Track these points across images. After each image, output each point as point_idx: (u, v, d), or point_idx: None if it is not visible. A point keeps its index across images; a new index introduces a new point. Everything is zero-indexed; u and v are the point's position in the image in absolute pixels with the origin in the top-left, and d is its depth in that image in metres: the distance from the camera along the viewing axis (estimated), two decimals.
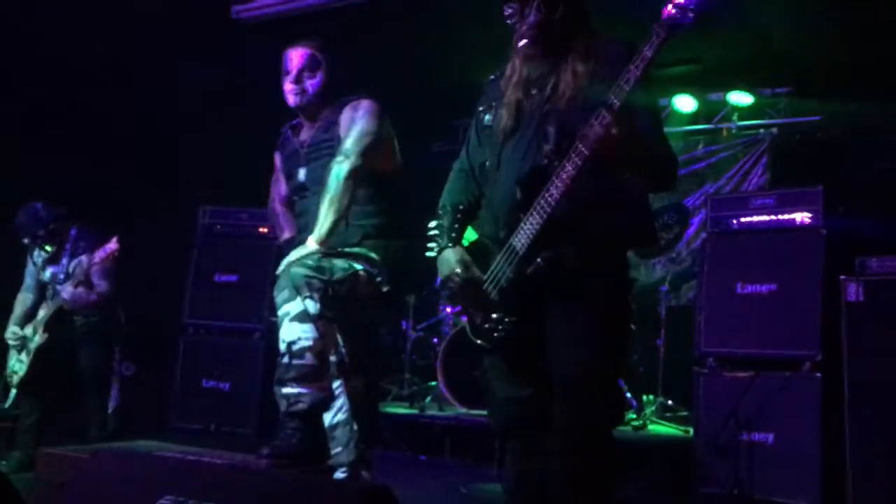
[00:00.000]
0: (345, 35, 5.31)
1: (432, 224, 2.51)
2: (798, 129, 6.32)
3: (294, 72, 3.03)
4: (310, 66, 3.03)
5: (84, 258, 4.40)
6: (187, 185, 5.78)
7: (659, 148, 2.21)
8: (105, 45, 5.05)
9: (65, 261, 4.51)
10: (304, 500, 1.75)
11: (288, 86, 3.05)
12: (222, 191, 5.69)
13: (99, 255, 4.24)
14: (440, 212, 2.48)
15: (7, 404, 4.43)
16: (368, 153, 2.90)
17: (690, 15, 1.98)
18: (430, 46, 5.70)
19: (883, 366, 3.70)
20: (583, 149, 2.06)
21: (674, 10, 2.00)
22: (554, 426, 2.20)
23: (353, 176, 2.84)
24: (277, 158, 3.28)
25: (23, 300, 4.60)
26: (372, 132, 2.93)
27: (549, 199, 2.14)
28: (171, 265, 5.60)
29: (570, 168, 2.10)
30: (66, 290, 4.36)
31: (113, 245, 4.19)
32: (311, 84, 3.03)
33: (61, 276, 4.48)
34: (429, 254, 2.51)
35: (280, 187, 3.29)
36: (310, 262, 2.73)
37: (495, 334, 2.28)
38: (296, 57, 3.05)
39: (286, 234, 3.24)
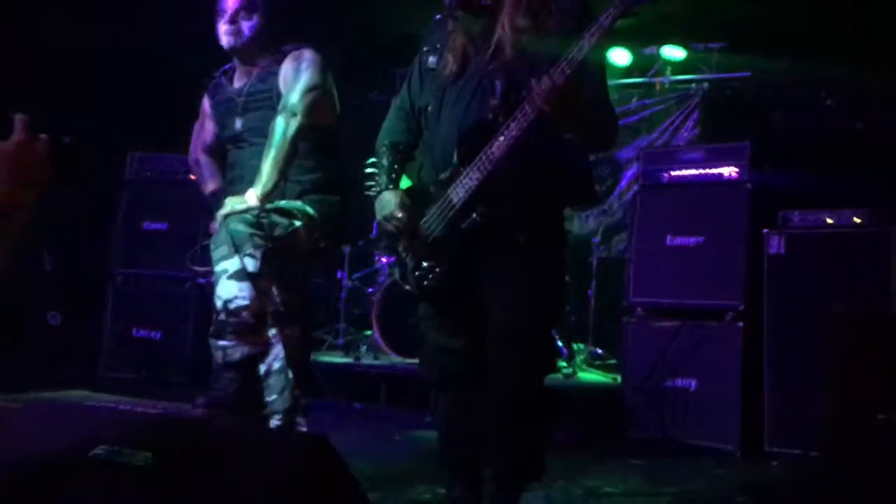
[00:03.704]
0: None
1: (370, 162, 2.49)
2: (729, 86, 6.44)
3: (230, 12, 2.93)
4: (247, 6, 2.93)
5: None
6: (115, 129, 5.60)
7: (603, 111, 2.22)
8: None
9: None
10: (241, 449, 1.76)
11: (222, 26, 2.94)
12: (152, 136, 5.53)
13: None
14: (379, 150, 2.45)
15: None
16: (315, 109, 2.85)
17: None
18: None
19: (801, 316, 3.87)
20: (529, 110, 2.06)
21: None
22: (487, 378, 2.24)
23: (300, 134, 2.80)
24: (206, 104, 3.18)
25: None
26: (318, 86, 2.88)
27: (491, 156, 2.14)
28: (98, 213, 5.45)
29: (514, 128, 2.09)
30: None
31: None
32: (247, 26, 2.94)
33: None
34: (368, 193, 2.49)
35: (206, 135, 3.19)
36: (249, 218, 2.69)
37: (424, 282, 2.30)
38: None
39: (211, 187, 3.16)
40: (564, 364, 5.24)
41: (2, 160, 1.18)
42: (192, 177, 5.33)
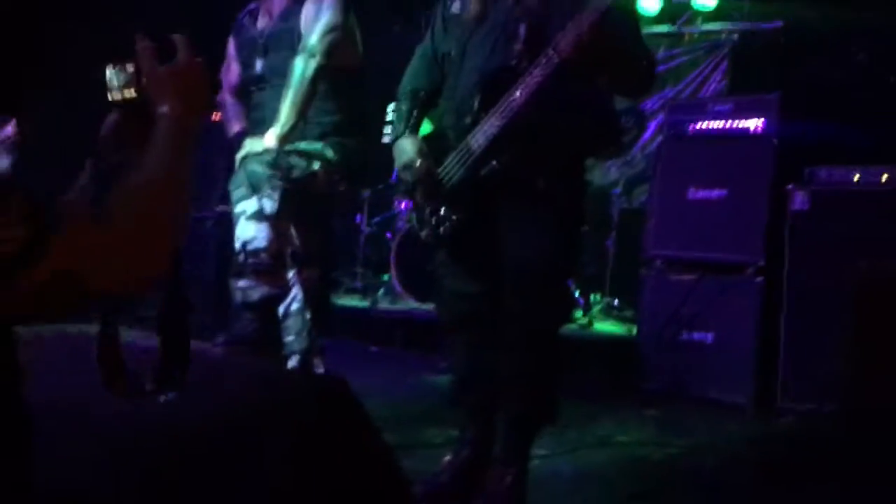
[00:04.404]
0: None
1: (390, 108, 2.48)
2: (759, 36, 6.30)
3: None
4: None
5: None
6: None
7: (637, 52, 2.18)
8: None
9: None
10: (260, 388, 1.79)
11: None
12: None
13: None
14: (400, 96, 2.43)
15: None
16: (334, 50, 2.82)
17: None
18: None
19: (821, 274, 3.83)
20: (554, 56, 2.02)
21: None
22: (501, 321, 2.25)
23: (319, 75, 2.78)
24: (231, 45, 3.16)
25: None
26: (338, 26, 2.85)
27: (513, 103, 2.11)
28: None
29: (538, 74, 2.05)
30: None
31: (9, 130, 3.99)
32: None
33: None
34: (385, 139, 2.49)
35: (231, 76, 3.19)
36: (268, 160, 2.69)
37: (441, 229, 2.30)
38: None
39: (235, 128, 3.16)
40: (580, 314, 5.25)
41: (174, 81, 1.15)
42: (213, 117, 5.37)
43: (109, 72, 1.17)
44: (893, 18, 4.91)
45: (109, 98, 1.17)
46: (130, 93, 1.16)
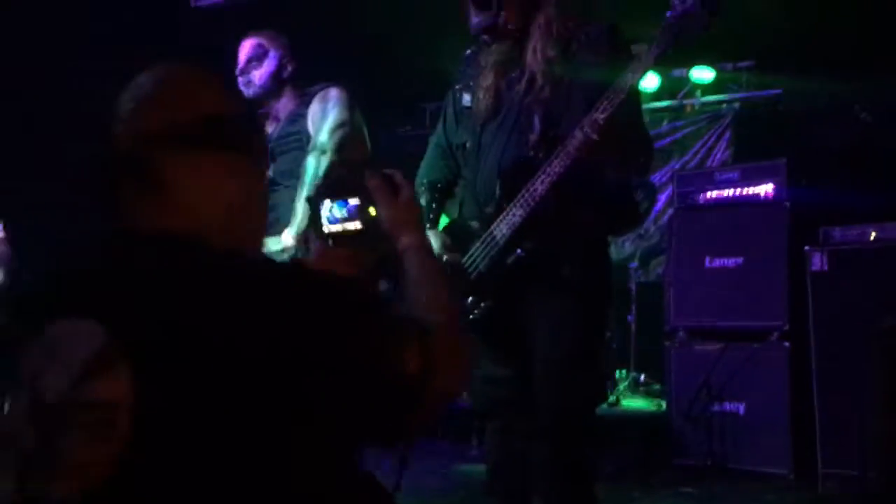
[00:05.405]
0: (308, 18, 5.28)
1: None
2: (760, 103, 6.40)
3: (241, 63, 3.03)
4: (256, 56, 3.02)
5: None
6: None
7: (637, 135, 2.22)
8: (54, 34, 4.95)
9: None
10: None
11: (238, 78, 3.05)
12: None
13: None
14: (418, 189, 2.46)
15: None
16: (344, 146, 2.89)
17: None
18: (395, 27, 5.67)
19: (848, 333, 3.78)
20: (572, 148, 2.06)
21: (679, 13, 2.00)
22: (534, 407, 2.22)
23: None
24: None
25: None
26: (346, 123, 2.92)
27: (534, 192, 2.13)
28: None
29: (556, 165, 2.09)
30: None
31: None
32: (256, 74, 3.02)
33: None
34: None
35: None
36: (286, 258, 2.72)
37: (469, 317, 2.29)
38: (243, 49, 3.05)
39: None
40: (608, 392, 5.18)
41: (408, 213, 1.30)
42: None
43: (328, 204, 1.22)
44: (893, 77, 4.99)
45: (325, 230, 1.22)
46: (355, 225, 1.21)
